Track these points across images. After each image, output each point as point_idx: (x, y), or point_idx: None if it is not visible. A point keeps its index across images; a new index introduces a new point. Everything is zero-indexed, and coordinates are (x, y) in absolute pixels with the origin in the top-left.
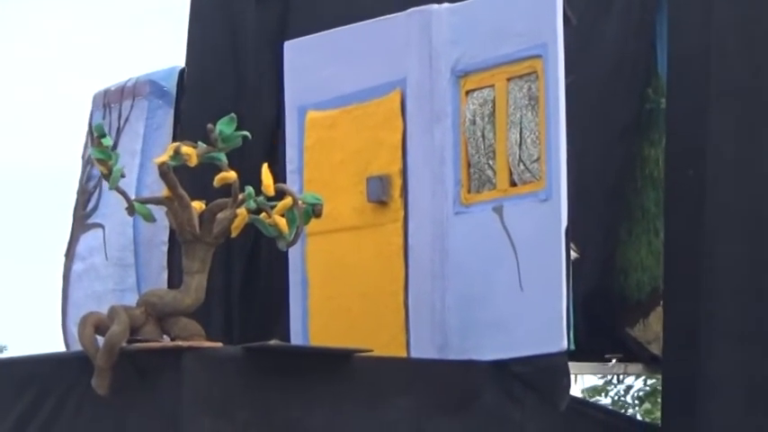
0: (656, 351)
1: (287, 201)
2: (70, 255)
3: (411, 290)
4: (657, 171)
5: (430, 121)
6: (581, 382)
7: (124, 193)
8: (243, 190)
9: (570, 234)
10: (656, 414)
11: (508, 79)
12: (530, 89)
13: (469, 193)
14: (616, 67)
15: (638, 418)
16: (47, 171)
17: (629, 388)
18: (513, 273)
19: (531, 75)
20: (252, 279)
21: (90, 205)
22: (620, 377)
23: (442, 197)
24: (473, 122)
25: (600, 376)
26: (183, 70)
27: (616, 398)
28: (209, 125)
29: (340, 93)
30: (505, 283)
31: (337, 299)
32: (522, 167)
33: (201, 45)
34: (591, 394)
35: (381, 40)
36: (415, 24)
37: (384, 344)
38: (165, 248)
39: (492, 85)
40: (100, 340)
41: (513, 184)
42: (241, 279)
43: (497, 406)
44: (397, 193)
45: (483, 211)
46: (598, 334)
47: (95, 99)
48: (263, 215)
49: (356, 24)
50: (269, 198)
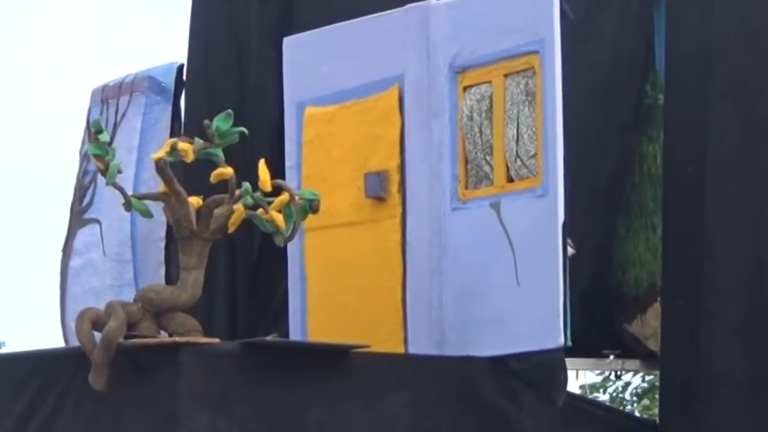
0: (653, 347)
1: (284, 197)
2: (67, 250)
3: (409, 286)
4: (655, 167)
5: (428, 117)
6: (582, 378)
7: (121, 189)
8: (240, 186)
9: (567, 230)
10: (653, 410)
11: (505, 75)
12: (527, 85)
13: (467, 188)
14: (614, 62)
15: (637, 414)
16: (45, 167)
17: (627, 384)
18: (510, 268)
19: (529, 70)
20: (258, 276)
21: (85, 200)
22: (618, 373)
23: (439, 193)
24: (470, 118)
25: (597, 372)
26: (181, 66)
27: (614, 394)
28: (205, 121)
29: (338, 88)
30: (503, 279)
31: (335, 295)
32: (520, 163)
33: (203, 42)
34: (589, 391)
35: (379, 35)
36: (412, 20)
37: (382, 340)
38: (162, 244)
39: (489, 81)
40: (97, 336)
41: (510, 179)
42: (247, 276)
43: (495, 402)
44: (394, 188)
45: (480, 206)
46: (595, 330)
47: (93, 94)
48: (260, 211)
49: (355, 20)
50: (266, 194)
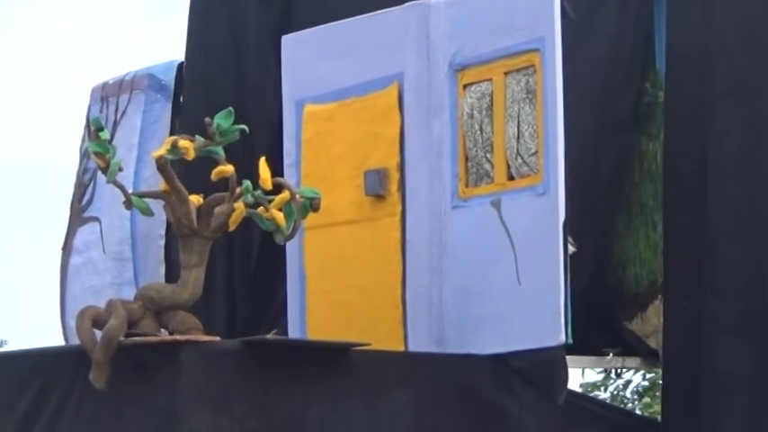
0: (654, 345)
1: (284, 195)
2: (67, 248)
3: (409, 284)
4: (655, 165)
5: (428, 115)
6: (581, 376)
7: (122, 187)
8: (241, 184)
9: (568, 228)
10: (654, 408)
11: (506, 73)
12: (527, 83)
13: (467, 186)
14: (614, 60)
15: (638, 412)
16: (45, 167)
17: (628, 383)
18: (510, 267)
19: (529, 68)
20: (258, 274)
21: (85, 198)
22: (619, 372)
23: (439, 191)
24: (471, 116)
25: (598, 370)
26: (182, 64)
27: (615, 392)
28: (206, 119)
29: (338, 86)
30: (503, 277)
31: (335, 293)
32: (520, 161)
33: (202, 41)
34: (590, 389)
35: (379, 33)
36: (412, 18)
37: (382, 338)
38: (162, 242)
39: (490, 79)
40: (98, 334)
41: (510, 177)
42: (245, 274)
43: (495, 400)
44: (394, 186)
45: (481, 204)
46: (596, 328)
47: (93, 92)
48: (260, 209)
49: (354, 18)
50: (267, 192)
